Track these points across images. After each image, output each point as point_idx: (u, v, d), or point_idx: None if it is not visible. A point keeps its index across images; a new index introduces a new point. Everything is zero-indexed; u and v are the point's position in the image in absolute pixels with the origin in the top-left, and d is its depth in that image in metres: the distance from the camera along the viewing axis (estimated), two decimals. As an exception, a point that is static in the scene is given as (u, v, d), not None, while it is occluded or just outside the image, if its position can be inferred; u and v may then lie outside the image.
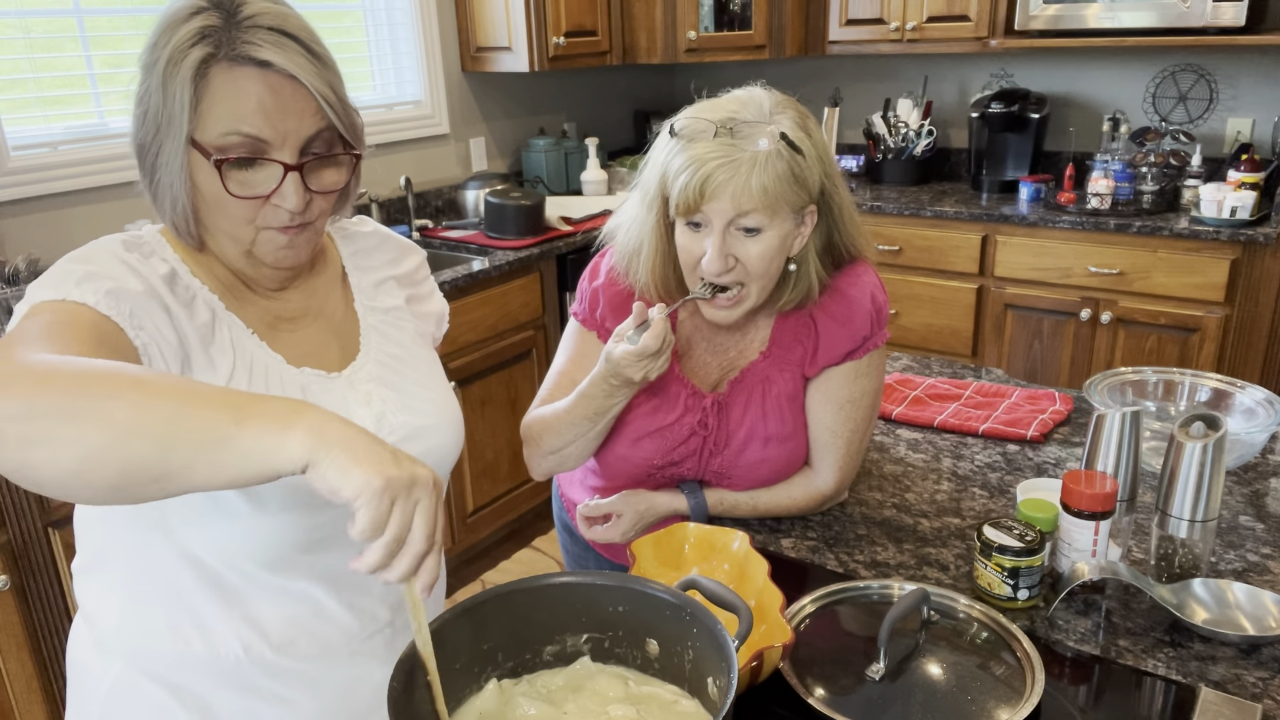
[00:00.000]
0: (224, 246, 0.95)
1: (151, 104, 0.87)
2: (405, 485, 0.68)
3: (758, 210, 1.14)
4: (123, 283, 0.87)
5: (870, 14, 3.45)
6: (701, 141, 1.14)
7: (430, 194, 3.45)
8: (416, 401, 1.08)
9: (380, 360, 1.07)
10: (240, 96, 0.86)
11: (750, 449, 1.31)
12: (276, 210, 0.91)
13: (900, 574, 1.22)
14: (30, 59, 2.41)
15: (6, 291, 2.18)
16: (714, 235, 1.16)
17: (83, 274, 0.85)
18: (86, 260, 0.88)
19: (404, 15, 3.30)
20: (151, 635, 0.99)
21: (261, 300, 1.01)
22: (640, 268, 1.29)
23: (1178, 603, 1.09)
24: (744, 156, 1.12)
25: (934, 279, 3.31)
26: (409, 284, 1.17)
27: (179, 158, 0.88)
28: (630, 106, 4.30)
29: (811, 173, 1.17)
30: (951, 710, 0.94)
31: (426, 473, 0.70)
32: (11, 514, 1.85)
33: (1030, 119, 3.37)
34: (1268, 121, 3.17)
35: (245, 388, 0.94)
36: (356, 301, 1.10)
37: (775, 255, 1.19)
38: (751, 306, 1.24)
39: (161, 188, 0.91)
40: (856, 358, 1.30)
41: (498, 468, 3.04)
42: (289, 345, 1.01)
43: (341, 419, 0.70)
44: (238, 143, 0.87)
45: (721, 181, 1.12)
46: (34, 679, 1.94)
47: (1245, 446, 1.39)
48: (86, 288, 0.84)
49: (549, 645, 0.92)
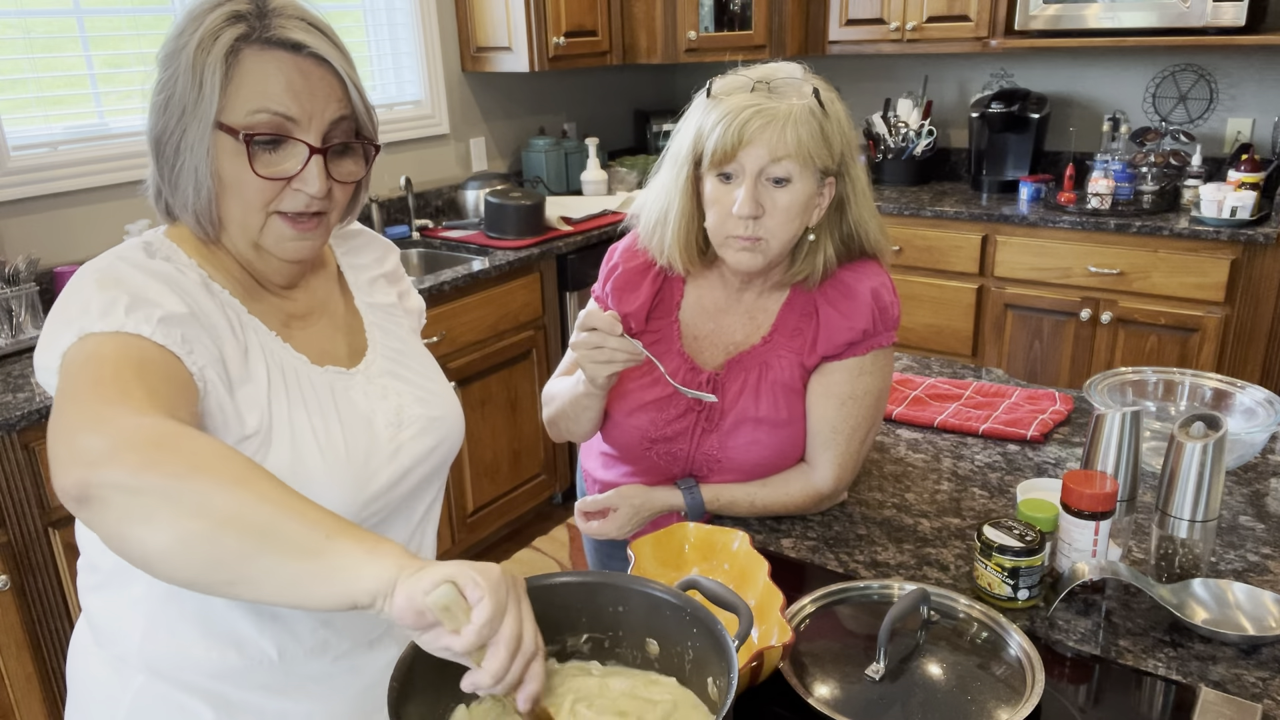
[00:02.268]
0: (234, 238, 0.95)
1: (177, 89, 0.87)
2: (511, 584, 0.67)
3: (790, 158, 1.20)
4: (169, 306, 0.86)
5: (870, 14, 3.45)
6: (739, 94, 1.22)
7: (430, 194, 3.45)
8: (425, 394, 1.09)
9: (387, 355, 1.08)
10: (270, 76, 0.87)
11: (741, 430, 1.33)
12: (295, 195, 0.91)
13: (900, 574, 1.22)
14: (30, 59, 2.41)
15: (6, 291, 2.18)
16: (746, 181, 1.22)
17: (129, 300, 0.84)
18: (120, 282, 0.86)
19: (404, 15, 3.30)
20: (182, 650, 0.97)
21: (274, 299, 1.01)
22: (668, 232, 1.33)
23: (1178, 603, 1.09)
24: (780, 107, 1.20)
25: (934, 279, 3.31)
26: (395, 281, 1.18)
27: (204, 142, 0.88)
28: (630, 106, 4.30)
29: (835, 139, 1.24)
30: (951, 710, 0.94)
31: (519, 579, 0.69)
32: (12, 514, 1.85)
33: (1030, 119, 3.37)
34: (1268, 121, 3.17)
35: (282, 388, 0.94)
36: (356, 299, 1.11)
37: (799, 212, 1.24)
38: (770, 259, 1.28)
39: (184, 175, 0.90)
40: (859, 354, 1.31)
41: (498, 468, 3.04)
42: (306, 344, 1.02)
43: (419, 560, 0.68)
44: (266, 121, 0.88)
45: (758, 128, 1.19)
46: (34, 679, 1.94)
47: (1245, 446, 1.39)
48: (139, 316, 0.83)
49: (549, 645, 0.91)
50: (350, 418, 0.99)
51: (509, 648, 0.66)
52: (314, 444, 0.94)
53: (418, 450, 1.04)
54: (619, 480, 1.43)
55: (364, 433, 0.99)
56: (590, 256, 3.17)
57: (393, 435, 1.02)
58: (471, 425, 2.92)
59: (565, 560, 3.09)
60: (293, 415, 0.94)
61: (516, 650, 0.66)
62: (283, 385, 0.95)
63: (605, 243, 3.16)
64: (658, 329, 1.39)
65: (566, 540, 3.20)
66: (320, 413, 0.96)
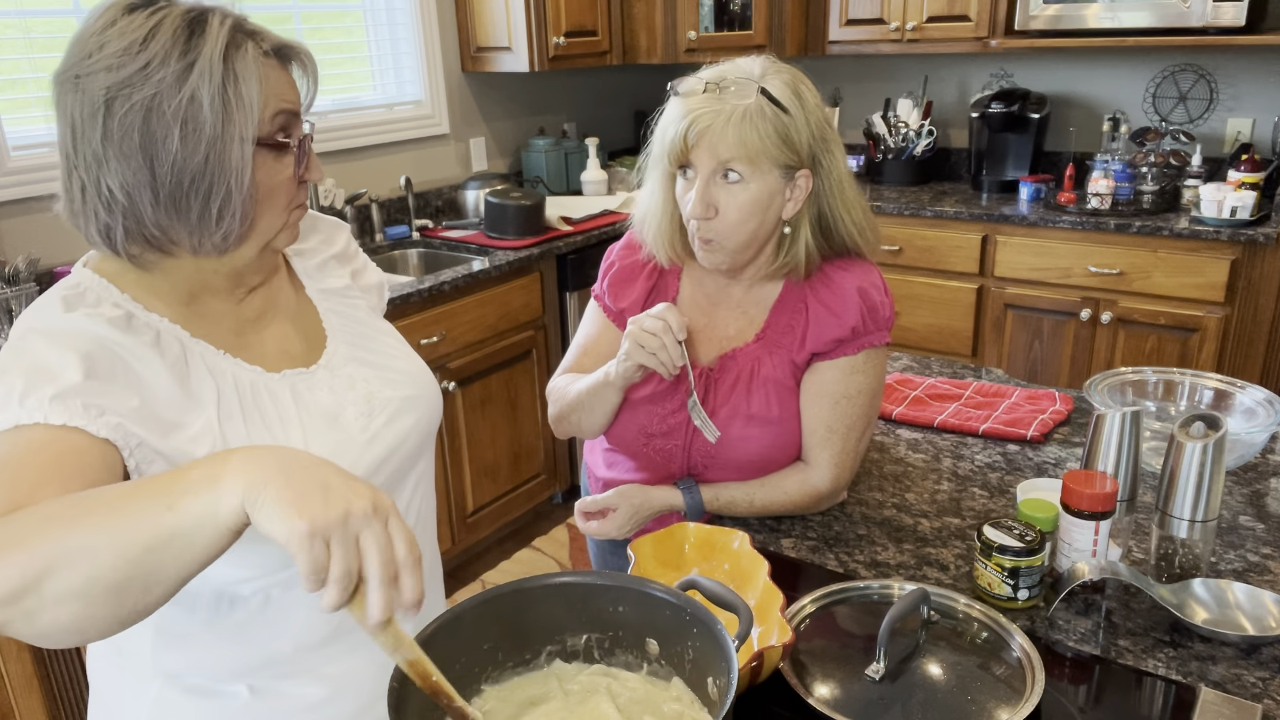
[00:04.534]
0: (243, 251, 0.92)
1: (206, 120, 0.83)
2: (338, 523, 0.64)
3: (738, 160, 1.22)
4: (66, 378, 0.81)
5: (870, 14, 3.45)
6: (693, 96, 1.24)
7: (430, 194, 3.45)
8: (394, 375, 1.07)
9: (349, 341, 1.06)
10: (272, 80, 0.87)
11: (733, 426, 1.34)
12: (304, 186, 0.92)
13: (900, 574, 1.22)
14: (30, 59, 2.41)
15: (6, 291, 2.18)
16: (700, 181, 1.24)
17: (22, 387, 0.79)
18: (19, 357, 0.82)
19: (404, 15, 3.30)
20: (195, 655, 0.97)
21: (225, 308, 0.97)
22: (651, 227, 1.38)
23: (1178, 603, 1.09)
24: (725, 109, 1.21)
25: (934, 279, 3.31)
26: (347, 260, 1.15)
27: (247, 164, 0.85)
28: (630, 106, 4.30)
29: (800, 134, 1.23)
30: (951, 710, 0.94)
31: (364, 501, 0.66)
32: (11, 514, 1.84)
33: (1030, 119, 3.37)
34: (1268, 121, 3.17)
35: (235, 408, 0.92)
36: (307, 288, 1.08)
37: (754, 210, 1.25)
38: (732, 255, 1.29)
39: (229, 206, 0.86)
40: (849, 352, 1.31)
41: (498, 468, 3.04)
42: (261, 350, 0.99)
43: (269, 452, 0.67)
44: (285, 121, 0.88)
45: (703, 129, 1.21)
46: (34, 679, 1.94)
47: (1245, 446, 1.39)
48: (30, 403, 0.79)
49: (549, 645, 0.92)
50: (314, 419, 0.97)
51: (339, 585, 0.65)
52: None
53: (393, 436, 1.03)
54: (620, 478, 1.43)
55: (330, 431, 0.98)
56: (590, 256, 3.17)
57: (365, 425, 1.00)
58: (471, 425, 2.92)
59: (565, 560, 3.09)
60: (250, 433, 0.92)
61: (350, 584, 0.65)
62: (236, 404, 0.92)
63: (605, 243, 3.16)
64: None
65: (566, 540, 3.20)
66: (281, 422, 0.94)
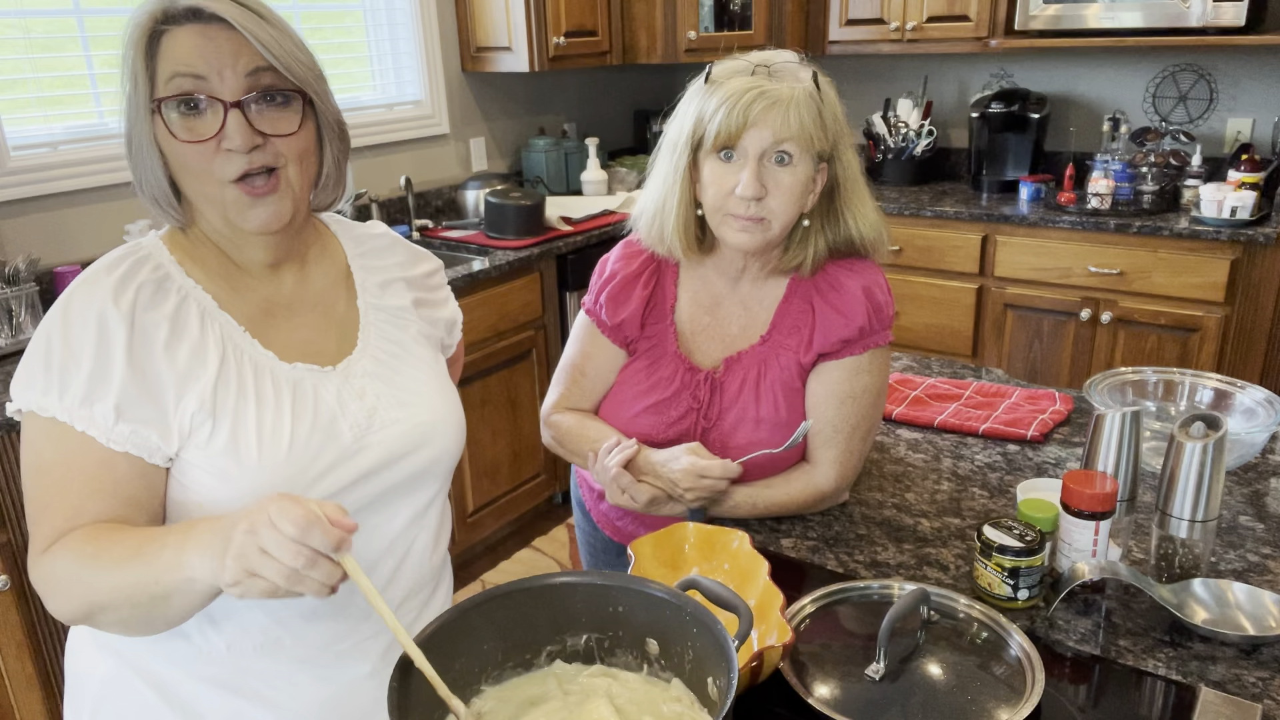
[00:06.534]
0: (208, 217, 0.98)
1: (125, 93, 0.93)
2: (238, 555, 0.76)
3: (792, 141, 1.22)
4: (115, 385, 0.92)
5: (870, 14, 3.45)
6: (738, 78, 1.24)
7: (430, 194, 3.45)
8: (411, 396, 1.08)
9: (377, 356, 1.08)
10: (180, 46, 0.91)
11: (741, 430, 1.33)
12: (230, 155, 0.92)
13: (900, 574, 1.22)
14: (30, 59, 2.41)
15: (6, 291, 2.18)
16: (750, 163, 1.23)
17: (58, 381, 0.91)
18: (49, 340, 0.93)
19: (404, 15, 3.30)
20: (145, 642, 1.00)
21: (256, 285, 1.03)
22: (668, 219, 1.34)
23: (1178, 603, 1.09)
24: (781, 90, 1.22)
25: (934, 279, 3.31)
26: (420, 288, 1.18)
27: (147, 130, 0.93)
28: (630, 106, 4.30)
29: (830, 125, 1.26)
30: (951, 710, 0.94)
31: (244, 529, 0.77)
32: (12, 514, 1.84)
33: (1030, 119, 3.37)
34: (1268, 121, 3.17)
35: (233, 383, 0.97)
36: (360, 299, 1.11)
37: (800, 193, 1.26)
38: (770, 239, 1.28)
39: (144, 170, 0.95)
40: (855, 352, 1.31)
41: (498, 468, 3.04)
42: (283, 336, 1.03)
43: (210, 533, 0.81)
44: (178, 83, 0.91)
45: (761, 110, 1.21)
46: (34, 679, 1.94)
47: (1245, 446, 1.39)
48: (68, 400, 0.91)
49: (549, 645, 0.92)
50: (307, 413, 1.00)
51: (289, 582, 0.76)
52: (253, 432, 0.96)
53: (382, 453, 1.04)
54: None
55: (319, 430, 1.00)
56: (590, 257, 3.17)
57: (357, 436, 1.02)
58: (471, 425, 2.91)
59: (565, 560, 3.09)
60: (239, 404, 0.97)
61: (299, 579, 0.76)
62: (235, 376, 0.97)
63: (605, 243, 3.16)
64: (653, 334, 1.40)
65: (566, 540, 3.20)
66: (274, 406, 0.98)
